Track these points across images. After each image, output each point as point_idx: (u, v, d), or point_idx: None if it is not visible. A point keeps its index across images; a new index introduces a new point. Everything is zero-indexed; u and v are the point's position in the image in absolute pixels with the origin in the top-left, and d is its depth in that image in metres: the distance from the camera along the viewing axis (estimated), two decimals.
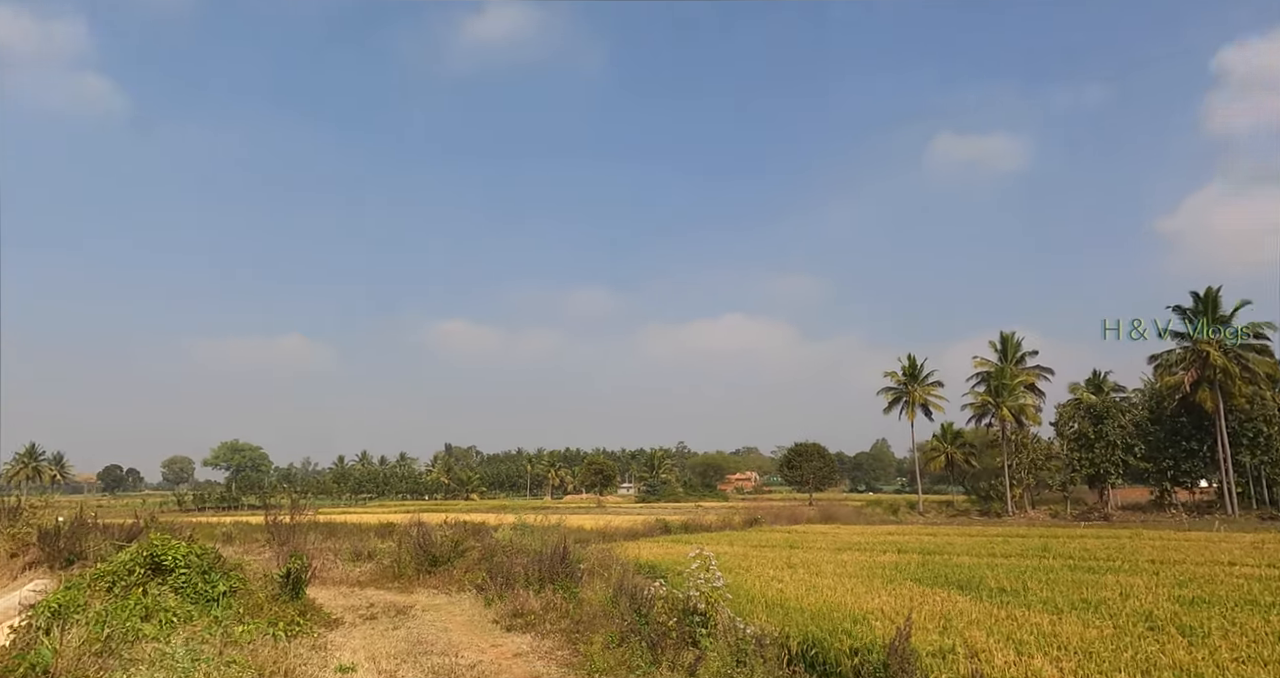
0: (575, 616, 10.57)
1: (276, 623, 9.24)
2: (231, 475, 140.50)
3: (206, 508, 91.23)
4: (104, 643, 6.81)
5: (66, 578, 19.80)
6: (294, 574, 10.68)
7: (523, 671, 8.16)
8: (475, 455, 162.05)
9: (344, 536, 28.39)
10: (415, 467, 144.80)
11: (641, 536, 32.87)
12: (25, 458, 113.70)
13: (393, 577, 17.07)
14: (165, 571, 9.91)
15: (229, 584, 10.18)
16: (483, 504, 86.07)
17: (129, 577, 9.75)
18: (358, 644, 9.42)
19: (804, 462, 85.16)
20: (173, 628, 8.26)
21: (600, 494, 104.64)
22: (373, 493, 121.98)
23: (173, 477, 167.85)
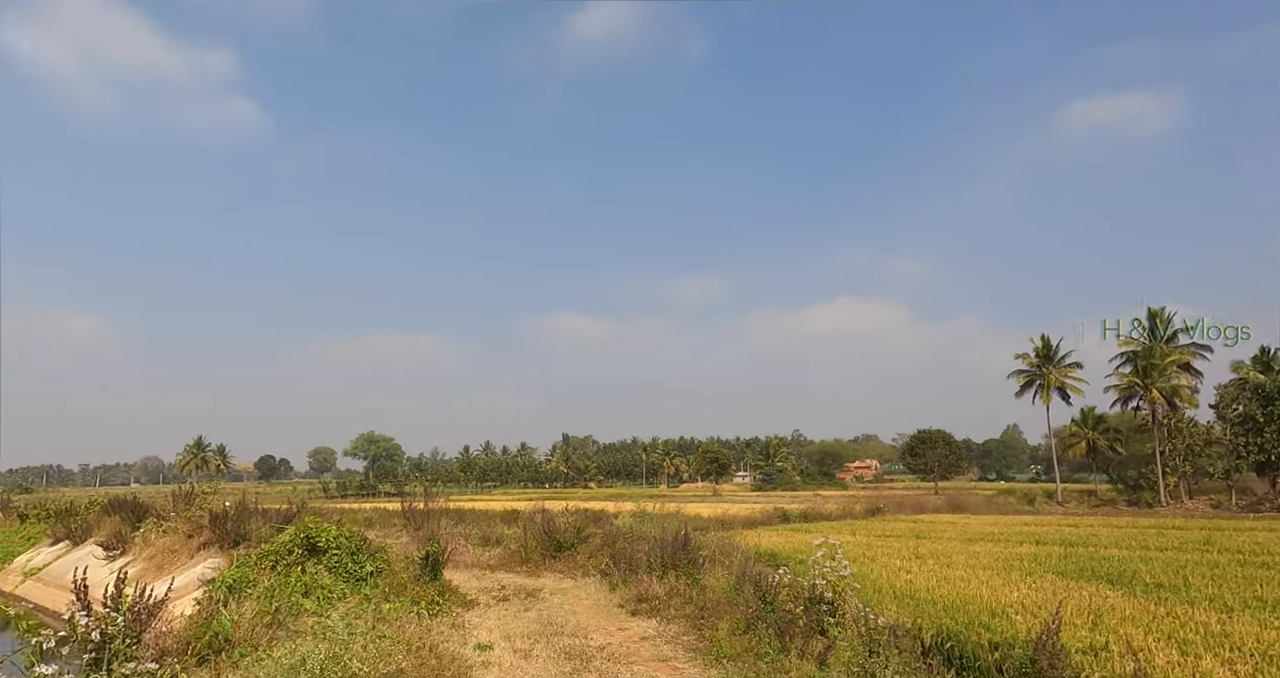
0: (698, 602, 10.63)
1: (419, 602, 9.83)
2: (369, 465, 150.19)
3: (348, 495, 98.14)
4: (273, 615, 7.48)
5: (234, 557, 21.84)
6: (432, 557, 11.32)
7: (650, 654, 8.29)
8: (592, 445, 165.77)
9: (472, 521, 29.77)
10: (535, 456, 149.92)
11: (759, 524, 32.62)
12: (194, 449, 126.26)
13: (520, 561, 17.76)
14: (319, 551, 10.75)
15: (375, 565, 10.91)
16: (600, 492, 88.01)
17: (289, 556, 10.63)
18: (493, 624, 9.87)
19: (928, 449, 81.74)
20: (329, 604, 8.94)
21: (716, 483, 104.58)
22: (496, 481, 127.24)
23: (318, 466, 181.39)
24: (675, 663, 7.88)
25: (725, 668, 7.52)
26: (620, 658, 8.03)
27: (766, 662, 7.36)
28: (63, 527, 30.28)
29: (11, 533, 33.85)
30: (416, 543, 19.18)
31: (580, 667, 7.53)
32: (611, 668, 7.54)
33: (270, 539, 23.87)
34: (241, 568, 11.73)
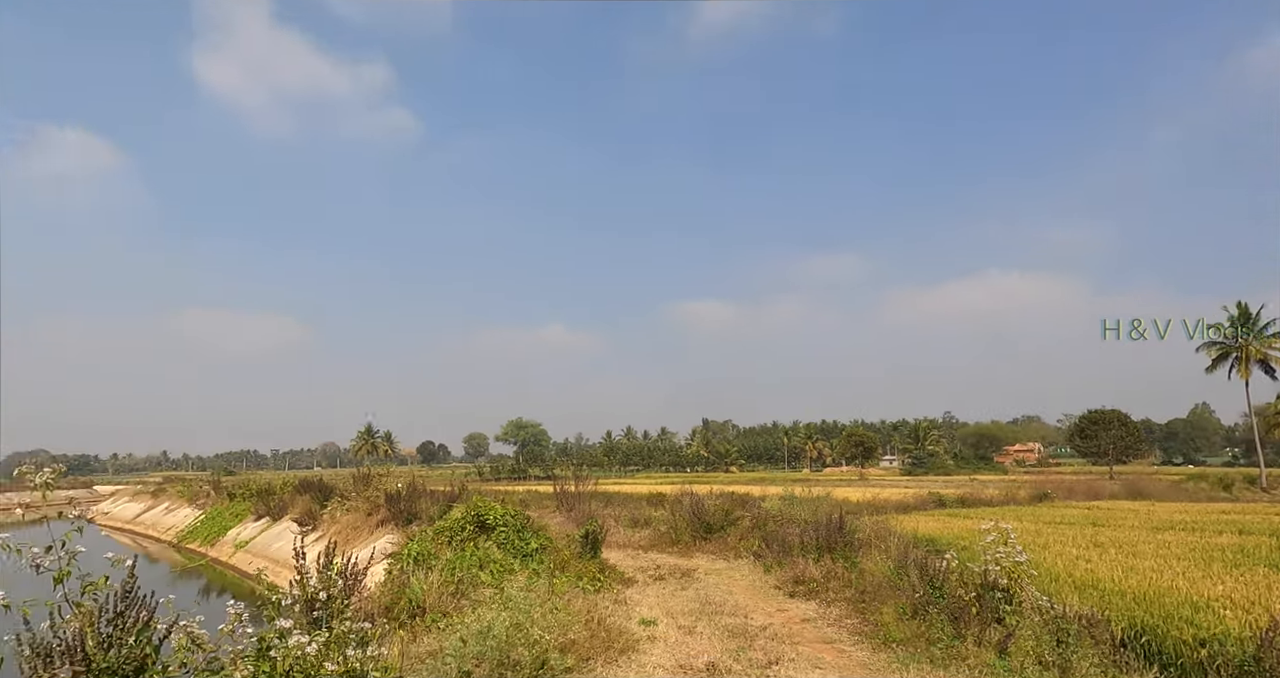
0: (858, 585, 10.40)
1: (582, 578, 10.25)
2: (518, 450, 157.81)
3: (501, 478, 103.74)
4: (456, 586, 8.08)
5: (408, 533, 23.66)
6: (592, 536, 11.76)
7: (813, 635, 8.22)
8: (732, 429, 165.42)
9: (619, 504, 30.58)
10: (675, 441, 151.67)
11: (913, 509, 31.35)
12: (365, 436, 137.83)
13: (670, 542, 18.08)
14: (488, 529, 11.45)
15: (539, 542, 11.49)
16: (742, 476, 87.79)
17: (461, 533, 11.40)
18: (653, 601, 10.13)
19: (1100, 431, 75.06)
20: (501, 577, 9.52)
21: (861, 467, 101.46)
22: (638, 465, 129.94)
23: (472, 451, 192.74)
24: (840, 645, 7.76)
25: (895, 652, 7.32)
26: (783, 638, 8.02)
27: (940, 648, 7.10)
28: (263, 505, 34.07)
29: (223, 510, 38.38)
30: (570, 523, 20.00)
31: (744, 645, 7.59)
32: (776, 648, 7.54)
33: (437, 518, 25.63)
34: (421, 542, 12.73)
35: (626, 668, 6.73)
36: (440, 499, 25.79)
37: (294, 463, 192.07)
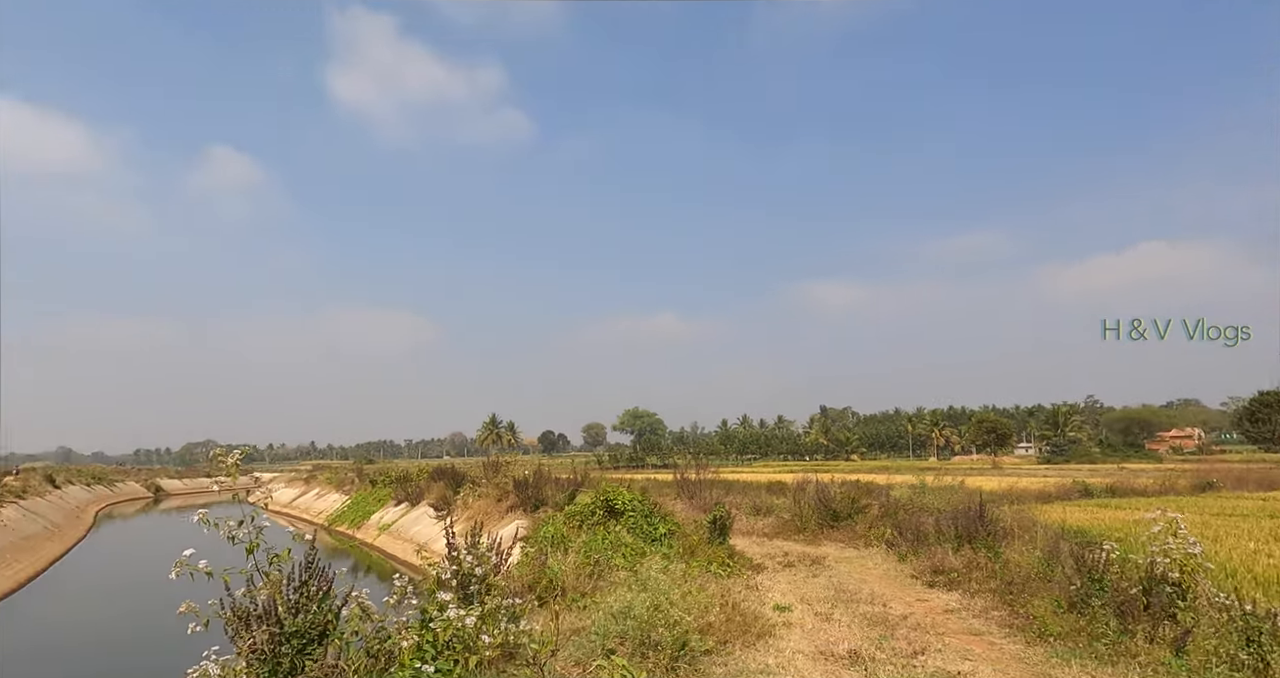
0: (1003, 576, 9.85)
1: (712, 563, 10.26)
2: (635, 438, 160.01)
3: (619, 466, 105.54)
4: (593, 567, 8.29)
5: (536, 517, 24.51)
6: (720, 521, 11.75)
7: (958, 627, 7.86)
8: (851, 416, 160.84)
9: (739, 491, 30.41)
10: (793, 429, 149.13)
11: (1055, 498, 29.33)
12: (490, 426, 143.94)
13: (795, 530, 17.80)
14: (617, 514, 11.67)
15: (666, 527, 11.59)
16: (864, 465, 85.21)
17: (592, 517, 11.68)
18: (784, 587, 10.01)
19: (1274, 414, 67.63)
20: (634, 560, 9.68)
21: (994, 455, 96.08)
22: (755, 454, 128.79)
23: (590, 440, 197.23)
24: (990, 638, 7.38)
25: (1053, 647, 6.88)
26: (926, 628, 7.71)
27: (1105, 644, 6.61)
28: (402, 491, 36.24)
29: (366, 496, 41.14)
30: (692, 510, 20.05)
31: (885, 633, 7.36)
32: (919, 637, 7.26)
33: (564, 503, 26.38)
34: (554, 526, 13.15)
35: (764, 652, 6.68)
36: (565, 486, 26.61)
37: (426, 452, 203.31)
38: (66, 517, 40.32)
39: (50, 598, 22.15)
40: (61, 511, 41.23)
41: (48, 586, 23.75)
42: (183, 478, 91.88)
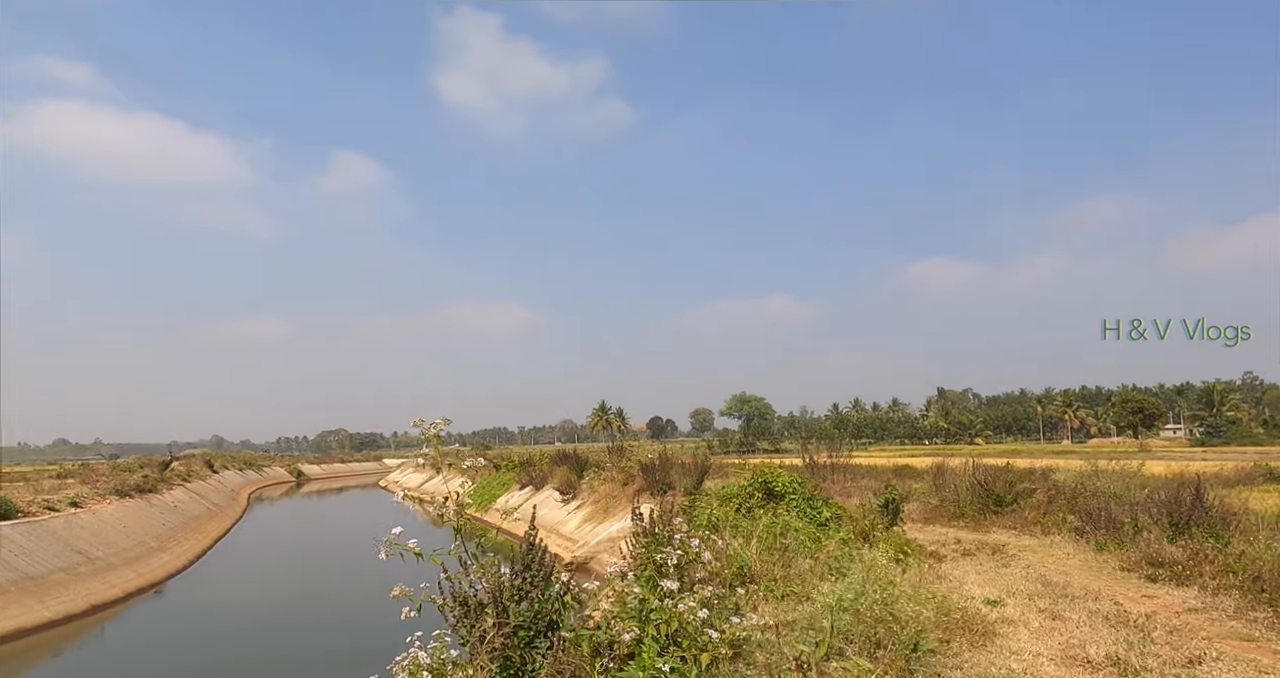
0: (1246, 571, 8.45)
1: (888, 550, 9.37)
2: (743, 423, 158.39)
3: (730, 451, 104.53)
4: (781, 554, 7.62)
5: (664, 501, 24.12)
6: (893, 504, 10.80)
7: (1217, 630, 6.67)
8: (972, 398, 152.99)
9: (863, 476, 28.99)
10: (908, 411, 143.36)
11: (1236, 483, 26.27)
12: (599, 413, 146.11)
13: (951, 516, 16.50)
14: (777, 496, 10.94)
15: (831, 512, 10.77)
16: (990, 448, 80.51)
17: (749, 500, 11.00)
18: (977, 579, 9.01)
19: None
20: (809, 546, 8.93)
21: (1139, 437, 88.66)
22: (870, 438, 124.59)
23: (698, 425, 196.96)
24: (1272, 645, 6.18)
25: None
26: (1180, 631, 6.57)
27: None
28: (526, 475, 36.86)
29: (491, 481, 42.22)
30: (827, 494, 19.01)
31: (1138, 637, 6.28)
32: (1184, 643, 6.15)
33: (691, 488, 25.82)
34: (707, 509, 12.58)
35: (998, 654, 5.80)
36: (691, 470, 26.11)
37: (537, 438, 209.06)
38: (225, 498, 43.55)
39: (217, 575, 23.69)
40: (220, 493, 44.56)
41: (215, 562, 25.48)
42: (319, 463, 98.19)
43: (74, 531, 20.30)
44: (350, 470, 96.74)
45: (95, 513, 22.66)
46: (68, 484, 27.26)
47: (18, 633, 14.55)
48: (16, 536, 17.83)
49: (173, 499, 31.35)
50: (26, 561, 17.09)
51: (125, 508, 25.19)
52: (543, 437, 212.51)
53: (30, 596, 15.90)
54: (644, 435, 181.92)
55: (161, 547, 23.60)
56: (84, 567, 18.58)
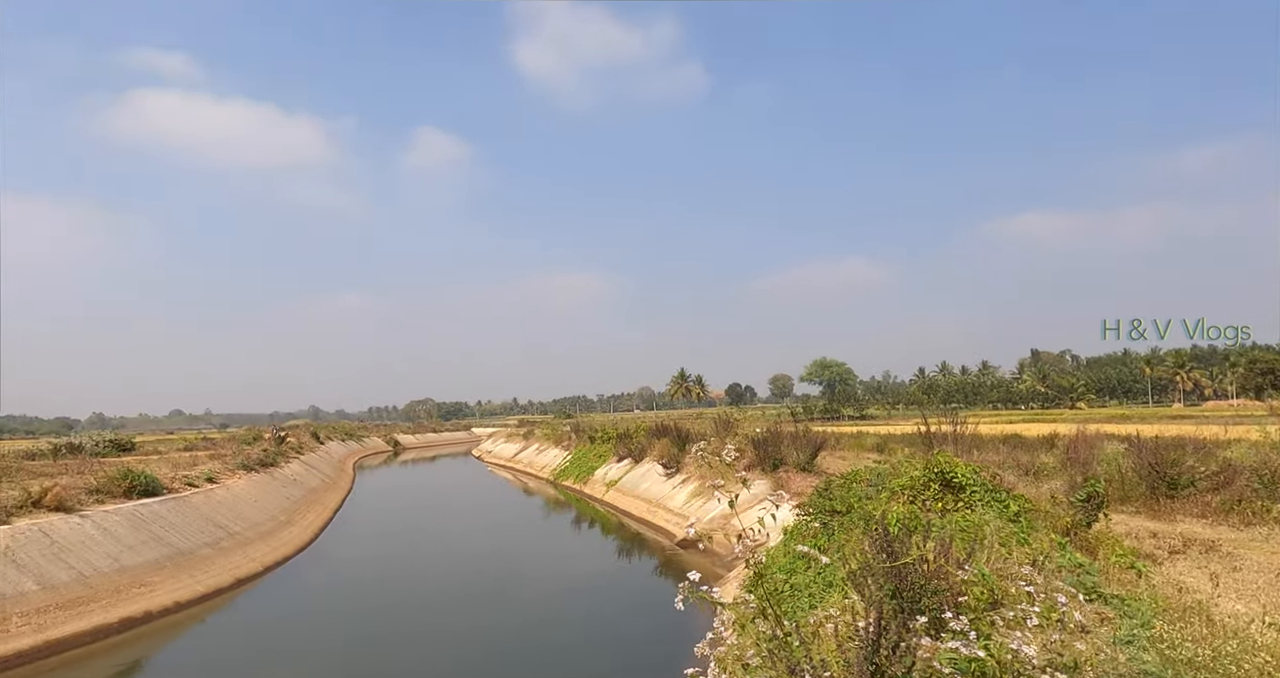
0: None
1: (1107, 552, 8.39)
2: (824, 389, 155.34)
3: (814, 418, 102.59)
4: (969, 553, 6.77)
5: (776, 477, 23.37)
6: (1096, 499, 9.74)
7: None
8: (1069, 360, 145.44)
9: (980, 447, 27.43)
10: (1000, 375, 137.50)
11: None
12: (678, 380, 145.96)
13: (1115, 499, 15.16)
14: (955, 488, 10.03)
15: (1018, 505, 9.80)
16: (1096, 413, 76.05)
17: (925, 491, 10.13)
18: (1213, 585, 7.94)
19: None
20: (1005, 546, 8.04)
21: (1267, 399, 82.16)
22: (960, 403, 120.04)
23: (777, 391, 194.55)
24: None
25: None
26: None
27: None
28: (624, 447, 36.64)
29: (587, 452, 42.33)
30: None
31: None
32: None
33: (804, 463, 24.88)
34: (861, 500, 11.78)
35: None
36: (804, 445, 25.24)
37: (616, 406, 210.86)
38: (334, 469, 45.28)
39: (343, 548, 24.39)
40: (329, 463, 46.38)
41: (337, 534, 26.31)
42: (413, 433, 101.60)
43: (213, 506, 21.15)
44: (442, 440, 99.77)
45: (229, 488, 23.60)
46: (197, 458, 28.61)
47: (175, 607, 15.15)
48: (165, 512, 18.62)
49: (291, 472, 32.58)
50: (177, 536, 17.82)
51: (253, 483, 26.21)
52: (622, 404, 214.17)
53: (183, 570, 16.56)
54: (722, 402, 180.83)
55: (290, 521, 24.45)
56: (225, 541, 19.31)
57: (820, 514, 13.65)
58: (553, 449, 49.50)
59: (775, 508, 11.39)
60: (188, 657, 13.54)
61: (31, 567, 13.61)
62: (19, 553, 13.71)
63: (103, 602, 13.95)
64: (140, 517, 17.58)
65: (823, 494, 14.49)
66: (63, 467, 22.60)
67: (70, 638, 12.68)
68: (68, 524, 15.45)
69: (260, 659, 13.11)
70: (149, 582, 15.35)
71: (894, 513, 9.21)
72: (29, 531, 14.49)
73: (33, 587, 13.20)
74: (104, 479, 18.44)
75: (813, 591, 10.21)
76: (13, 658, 11.66)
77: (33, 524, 14.76)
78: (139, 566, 15.70)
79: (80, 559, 14.65)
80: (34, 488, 16.15)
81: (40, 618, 12.67)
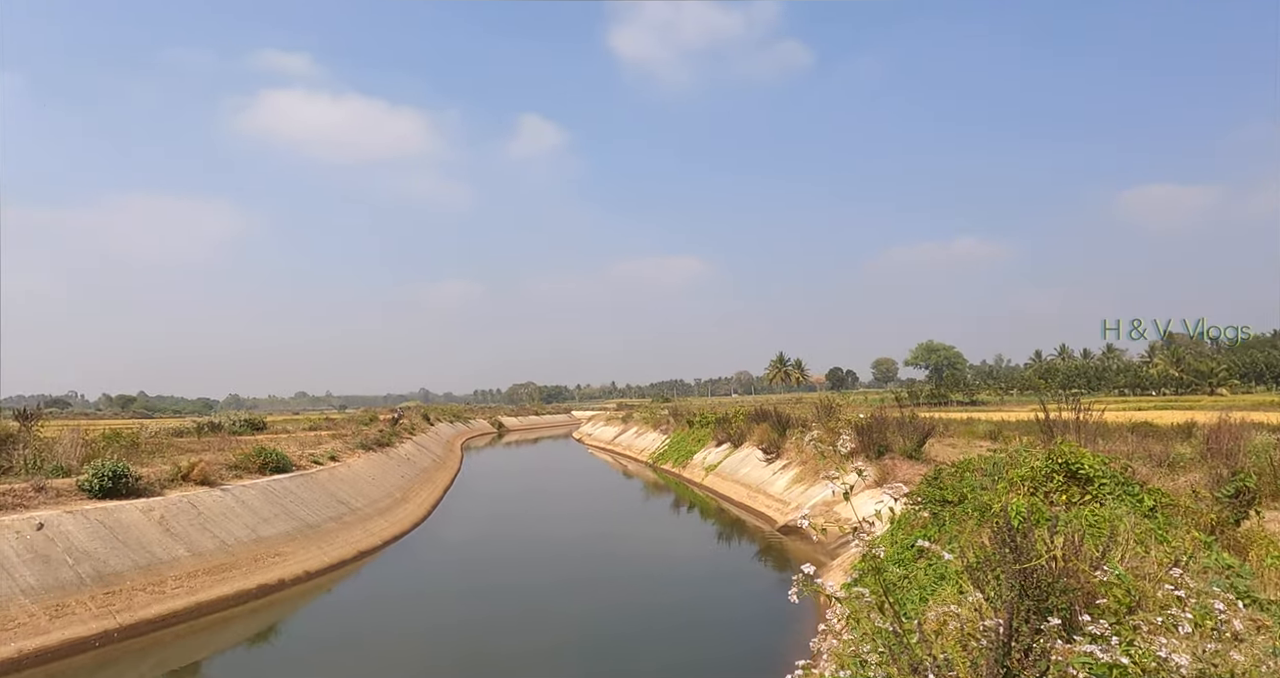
0: None
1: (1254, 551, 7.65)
2: (930, 373, 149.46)
3: (919, 404, 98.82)
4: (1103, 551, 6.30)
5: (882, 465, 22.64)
6: (1248, 492, 8.91)
7: None
8: (1208, 342, 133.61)
9: (1105, 436, 25.57)
10: (1126, 358, 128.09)
11: None
12: (777, 364, 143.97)
13: (1270, 496, 13.80)
14: (1081, 480, 9.41)
15: (1154, 499, 9.08)
16: (1241, 400, 69.54)
17: (1048, 483, 9.56)
18: None
19: None
20: (1144, 544, 7.47)
21: None
22: (1081, 388, 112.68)
23: (880, 376, 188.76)
24: None
25: None
26: None
27: None
28: (723, 432, 36.46)
29: (685, 436, 42.42)
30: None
31: None
32: None
33: (911, 450, 24.02)
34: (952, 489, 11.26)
35: None
36: (910, 431, 24.36)
37: (713, 390, 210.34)
38: (444, 449, 47.38)
39: (455, 525, 25.52)
40: (439, 444, 48.56)
41: (449, 511, 27.56)
42: (516, 415, 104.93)
43: (336, 483, 22.55)
44: (544, 422, 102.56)
45: (349, 466, 25.08)
46: (320, 438, 30.57)
47: (305, 575, 16.26)
48: (294, 488, 20.00)
49: (404, 452, 34.29)
50: (305, 510, 19.12)
51: (371, 461, 27.76)
52: (719, 388, 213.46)
53: (311, 542, 17.76)
54: (822, 387, 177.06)
55: (405, 498, 25.77)
56: (348, 516, 20.55)
57: (930, 504, 13.14)
58: (651, 433, 49.92)
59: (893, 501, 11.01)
60: (318, 622, 14.55)
61: (182, 535, 14.94)
62: (171, 522, 15.07)
63: (242, 569, 15.15)
64: (273, 492, 18.95)
65: (932, 483, 13.93)
66: (205, 444, 24.65)
67: (216, 601, 13.86)
68: (211, 497, 16.85)
69: (381, 627, 13.90)
70: (282, 552, 16.55)
71: (1014, 505, 8.72)
72: (179, 502, 15.90)
73: (184, 553, 14.49)
74: (241, 456, 20.00)
75: (923, 582, 9.84)
76: (169, 617, 12.85)
77: (182, 496, 16.18)
78: (273, 537, 16.95)
79: (223, 529, 15.96)
80: (183, 463, 17.70)
81: (191, 582, 13.90)
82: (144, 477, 16.09)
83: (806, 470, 26.95)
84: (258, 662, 12.40)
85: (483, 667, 11.85)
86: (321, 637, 13.61)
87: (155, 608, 12.80)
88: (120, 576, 13.02)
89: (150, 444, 23.17)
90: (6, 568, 11.73)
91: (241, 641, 13.33)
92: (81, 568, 12.60)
